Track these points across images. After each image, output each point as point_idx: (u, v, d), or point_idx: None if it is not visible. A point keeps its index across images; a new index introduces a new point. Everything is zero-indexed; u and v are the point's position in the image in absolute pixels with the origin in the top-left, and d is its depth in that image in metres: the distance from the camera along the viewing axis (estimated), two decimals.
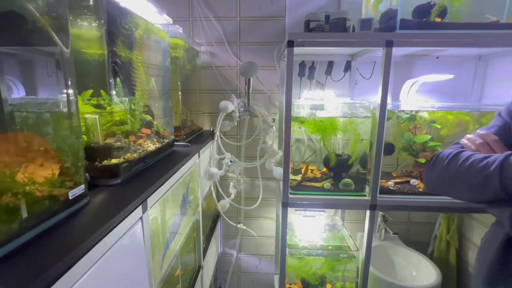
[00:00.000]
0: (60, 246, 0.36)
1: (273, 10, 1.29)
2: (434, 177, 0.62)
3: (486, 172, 0.50)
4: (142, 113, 0.72)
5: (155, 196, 0.60)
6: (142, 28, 0.69)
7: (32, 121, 0.39)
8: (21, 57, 0.40)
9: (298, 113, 1.07)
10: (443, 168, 0.59)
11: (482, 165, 0.51)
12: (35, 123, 0.39)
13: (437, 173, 0.61)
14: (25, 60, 0.41)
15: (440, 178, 0.60)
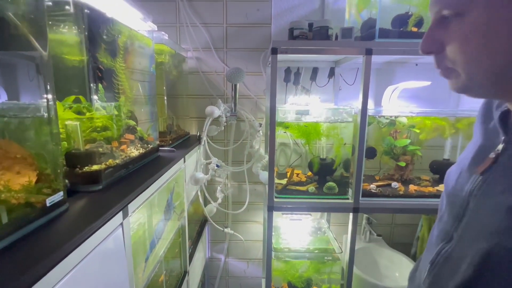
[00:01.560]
0: (35, 253, 0.36)
1: (259, 17, 1.32)
2: None
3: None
4: (125, 119, 0.72)
5: (137, 202, 0.60)
6: (125, 35, 0.70)
7: (8, 127, 0.39)
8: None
9: (284, 118, 1.09)
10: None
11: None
12: (11, 129, 0.40)
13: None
14: (2, 63, 0.41)
15: None
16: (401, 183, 1.11)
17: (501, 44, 0.32)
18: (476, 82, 0.36)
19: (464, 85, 0.37)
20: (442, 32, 0.36)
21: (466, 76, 0.36)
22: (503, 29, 0.31)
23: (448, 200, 0.45)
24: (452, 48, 0.36)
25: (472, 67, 0.35)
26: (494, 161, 0.38)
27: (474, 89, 0.37)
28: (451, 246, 0.40)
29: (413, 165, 1.14)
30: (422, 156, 1.14)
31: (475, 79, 0.36)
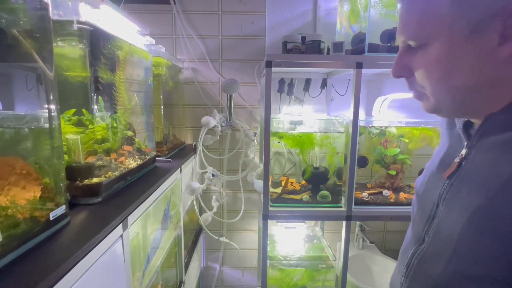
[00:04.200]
0: (41, 267, 0.37)
1: (253, 30, 1.35)
2: None
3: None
4: (123, 131, 0.74)
5: (136, 214, 0.61)
6: (125, 50, 0.72)
7: (14, 142, 0.40)
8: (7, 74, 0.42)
9: (278, 128, 1.12)
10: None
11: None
12: (17, 143, 0.41)
13: None
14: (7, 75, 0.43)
15: None
16: (392, 191, 1.15)
17: (461, 73, 0.35)
18: (443, 105, 0.39)
19: (434, 107, 0.40)
20: (410, 58, 0.39)
21: (434, 100, 0.39)
22: (462, 60, 0.34)
23: (419, 205, 0.47)
24: (419, 74, 0.39)
25: (438, 93, 0.38)
26: (459, 166, 0.40)
27: (443, 111, 0.40)
28: (424, 248, 0.42)
29: (403, 174, 1.18)
30: (412, 165, 1.18)
31: (443, 103, 0.39)
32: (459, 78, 0.35)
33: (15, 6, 0.39)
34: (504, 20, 0.31)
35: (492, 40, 0.32)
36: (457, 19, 0.33)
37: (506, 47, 0.32)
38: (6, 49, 0.38)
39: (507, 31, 0.31)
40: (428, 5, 0.35)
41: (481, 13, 0.32)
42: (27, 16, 0.41)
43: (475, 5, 0.32)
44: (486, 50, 0.33)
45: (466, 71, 0.34)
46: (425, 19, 0.36)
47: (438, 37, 0.35)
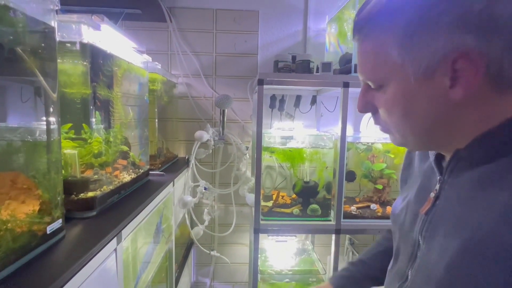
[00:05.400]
0: (37, 281, 0.37)
1: (246, 48, 1.41)
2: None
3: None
4: (119, 145, 0.76)
5: (130, 228, 0.62)
6: (123, 68, 0.75)
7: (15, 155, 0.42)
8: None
9: (270, 142, 1.16)
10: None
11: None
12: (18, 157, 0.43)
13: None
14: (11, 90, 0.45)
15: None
16: (379, 204, 1.18)
17: (417, 114, 0.36)
18: (408, 140, 0.40)
19: (400, 142, 0.41)
20: (372, 96, 0.40)
21: (398, 136, 0.40)
22: (416, 102, 0.35)
23: (401, 238, 0.47)
24: (381, 112, 0.40)
25: (400, 129, 0.39)
26: (435, 201, 0.40)
27: (410, 145, 0.42)
28: (407, 286, 0.42)
29: (389, 188, 1.22)
30: (397, 179, 1.23)
31: (407, 139, 0.40)
32: (416, 119, 0.36)
33: (26, 29, 0.42)
34: (452, 65, 0.31)
35: (443, 83, 0.33)
36: (407, 65, 0.34)
37: (457, 90, 0.32)
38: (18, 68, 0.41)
39: (456, 74, 0.32)
40: (379, 51, 0.36)
41: (429, 59, 0.32)
42: (35, 38, 0.44)
43: (422, 52, 0.32)
44: (438, 93, 0.33)
45: (422, 113, 0.36)
46: (378, 64, 0.36)
47: (392, 80, 0.36)
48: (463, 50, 0.31)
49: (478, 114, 0.34)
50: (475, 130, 0.34)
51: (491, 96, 0.33)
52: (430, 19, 0.31)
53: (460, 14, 0.30)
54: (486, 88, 0.32)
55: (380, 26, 0.35)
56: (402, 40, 0.33)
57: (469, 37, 0.30)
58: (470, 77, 0.31)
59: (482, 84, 0.32)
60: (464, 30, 0.30)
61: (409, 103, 0.36)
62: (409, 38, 0.33)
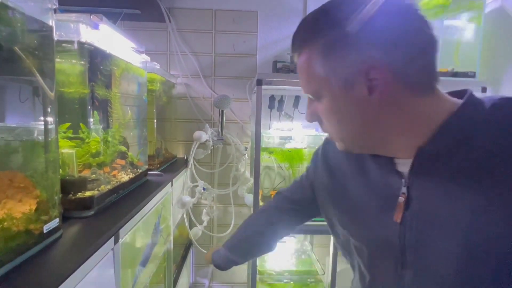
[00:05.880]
0: (34, 280, 0.37)
1: (245, 48, 1.41)
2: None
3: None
4: (117, 145, 0.76)
5: (127, 227, 0.62)
6: (121, 68, 0.75)
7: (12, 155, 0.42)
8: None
9: (268, 143, 1.16)
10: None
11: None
12: (15, 156, 0.42)
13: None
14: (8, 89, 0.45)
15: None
16: None
17: (350, 121, 0.40)
18: (349, 145, 0.44)
19: (345, 148, 0.45)
20: (315, 106, 0.44)
21: (340, 141, 0.44)
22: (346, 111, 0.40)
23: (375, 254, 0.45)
24: (323, 121, 0.44)
25: (340, 136, 0.43)
26: (407, 206, 0.40)
27: (355, 150, 0.45)
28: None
29: None
30: None
31: (347, 144, 0.44)
32: (349, 125, 0.41)
33: (24, 28, 0.42)
34: (366, 76, 0.36)
35: (363, 92, 0.37)
36: (330, 78, 0.39)
37: (376, 96, 0.37)
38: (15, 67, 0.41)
39: (372, 83, 0.36)
40: (309, 67, 0.40)
41: (346, 72, 0.37)
42: (33, 37, 0.44)
43: (340, 67, 0.37)
44: (361, 101, 0.38)
45: (353, 119, 0.40)
46: (310, 79, 0.41)
47: (323, 92, 0.41)
48: (371, 63, 0.36)
49: (404, 116, 0.38)
50: (405, 131, 0.39)
51: (410, 99, 0.37)
52: (342, 38, 0.37)
53: (365, 32, 0.35)
54: (403, 93, 0.37)
55: (307, 45, 0.40)
56: (323, 57, 0.39)
57: (374, 53, 0.35)
58: (382, 84, 0.36)
59: (397, 89, 0.37)
60: (369, 47, 0.35)
61: (340, 112, 0.41)
62: (328, 55, 0.38)
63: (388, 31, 0.35)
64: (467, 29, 1.13)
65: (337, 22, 0.37)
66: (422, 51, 0.36)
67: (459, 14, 1.14)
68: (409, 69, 0.36)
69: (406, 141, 0.39)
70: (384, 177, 0.43)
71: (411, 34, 0.36)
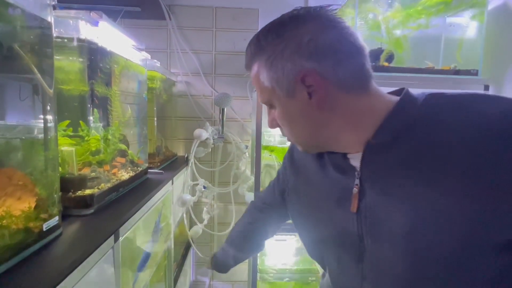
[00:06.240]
0: (33, 278, 0.37)
1: (246, 46, 1.40)
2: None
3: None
4: (117, 143, 0.75)
5: (127, 225, 0.62)
6: (121, 65, 0.74)
7: (11, 152, 0.42)
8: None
9: (269, 141, 1.15)
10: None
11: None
12: (14, 154, 0.42)
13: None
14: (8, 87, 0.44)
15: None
16: None
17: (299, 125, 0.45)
18: (305, 147, 0.48)
19: (303, 149, 0.49)
20: (273, 114, 0.47)
21: (297, 144, 0.49)
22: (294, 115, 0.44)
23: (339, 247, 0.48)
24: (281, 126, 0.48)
25: (294, 138, 0.48)
26: (361, 196, 0.43)
27: (311, 150, 0.49)
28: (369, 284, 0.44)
29: None
30: None
31: (303, 145, 0.48)
32: (299, 128, 0.45)
33: (22, 24, 0.41)
34: (302, 82, 0.40)
35: (304, 97, 0.41)
36: (275, 88, 0.43)
37: (315, 99, 0.41)
38: (13, 64, 0.40)
39: (310, 89, 0.41)
40: (258, 80, 0.45)
41: (286, 80, 0.41)
42: (31, 34, 0.43)
43: (280, 76, 0.42)
44: (304, 105, 0.42)
45: (301, 123, 0.44)
46: (261, 90, 0.46)
47: (273, 102, 0.45)
48: (305, 71, 0.40)
49: (346, 114, 0.42)
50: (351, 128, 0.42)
51: (346, 99, 0.41)
52: (278, 52, 0.41)
53: (295, 45, 0.40)
54: (338, 93, 0.41)
55: (255, 60, 0.44)
56: (266, 69, 0.43)
57: (306, 61, 0.40)
58: (318, 88, 0.40)
59: (333, 91, 0.41)
60: (301, 56, 0.40)
61: (289, 117, 0.45)
62: (270, 68, 0.42)
63: (316, 43, 0.39)
64: (469, 26, 1.12)
65: (274, 39, 0.42)
66: (348, 56, 0.40)
67: (462, 11, 1.13)
68: (338, 73, 0.40)
69: (354, 137, 0.42)
70: (340, 171, 0.46)
71: (335, 44, 0.40)
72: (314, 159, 0.52)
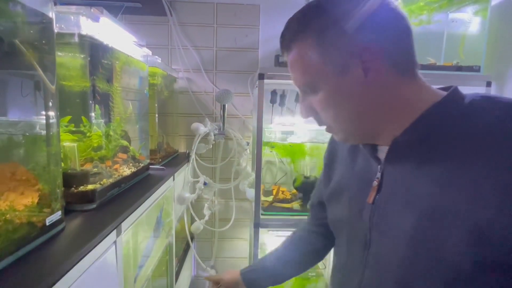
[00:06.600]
0: (36, 272, 0.38)
1: (247, 42, 1.40)
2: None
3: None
4: (118, 139, 0.76)
5: (129, 221, 0.63)
6: (122, 61, 0.74)
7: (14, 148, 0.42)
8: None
9: (270, 137, 1.15)
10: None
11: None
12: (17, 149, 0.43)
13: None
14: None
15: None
16: None
17: (346, 104, 0.42)
18: (348, 135, 0.45)
19: (343, 138, 0.46)
20: (309, 101, 0.45)
21: (339, 132, 0.46)
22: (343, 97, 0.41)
23: (350, 234, 0.49)
24: (320, 113, 0.45)
25: (338, 126, 0.44)
26: (379, 189, 0.43)
27: (351, 140, 0.47)
28: (369, 276, 0.44)
29: None
30: None
31: (346, 134, 0.45)
32: (347, 111, 0.42)
33: (23, 20, 0.41)
34: (360, 58, 0.38)
35: (359, 74, 0.39)
36: (326, 66, 0.40)
37: (371, 76, 0.39)
38: (17, 60, 0.40)
39: (365, 65, 0.39)
40: (304, 58, 0.42)
41: (342, 56, 0.39)
42: (32, 29, 0.43)
43: (335, 52, 0.39)
44: (357, 84, 0.40)
45: (350, 104, 0.41)
46: (305, 70, 0.42)
47: (319, 82, 0.42)
48: (364, 45, 0.38)
49: (394, 98, 0.40)
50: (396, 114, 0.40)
51: (397, 80, 0.40)
52: (334, 25, 0.39)
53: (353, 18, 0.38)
54: (393, 74, 0.39)
55: (300, 38, 0.42)
56: (318, 45, 0.40)
57: (365, 35, 0.38)
58: (376, 65, 0.39)
59: (389, 70, 0.39)
60: (361, 29, 0.38)
61: (338, 99, 0.42)
62: (322, 42, 0.40)
63: (376, 17, 0.38)
64: (472, 22, 1.11)
65: (327, 13, 0.40)
66: (403, 35, 0.39)
67: (465, 7, 1.12)
68: (395, 51, 0.39)
69: (391, 127, 0.41)
70: (367, 162, 0.47)
71: (393, 20, 0.39)
72: (349, 149, 0.52)
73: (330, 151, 0.59)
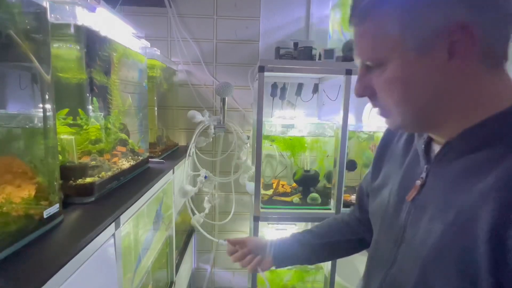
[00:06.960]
0: (34, 264, 0.38)
1: (247, 34, 1.38)
2: None
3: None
4: (117, 132, 0.75)
5: (128, 213, 0.63)
6: (120, 53, 0.73)
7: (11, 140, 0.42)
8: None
9: (270, 131, 1.15)
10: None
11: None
12: (14, 142, 0.42)
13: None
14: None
15: None
16: None
17: (417, 90, 0.37)
18: (406, 121, 0.40)
19: (398, 124, 0.41)
20: (371, 78, 0.40)
21: (398, 116, 0.40)
22: (417, 77, 0.36)
23: (384, 226, 0.48)
24: (381, 93, 0.40)
25: (400, 109, 0.39)
26: (420, 189, 0.41)
27: (407, 126, 0.42)
28: (394, 272, 0.43)
29: None
30: None
31: (405, 119, 0.40)
32: (416, 94, 0.37)
33: (16, 10, 0.40)
34: (449, 37, 0.33)
35: (441, 56, 0.34)
36: (406, 40, 0.35)
37: (455, 61, 0.34)
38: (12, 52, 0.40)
39: (453, 46, 0.33)
40: (379, 29, 0.37)
41: (428, 32, 0.34)
42: (26, 20, 0.42)
43: (421, 26, 0.34)
44: (436, 66, 0.35)
45: (421, 87, 0.36)
46: (378, 42, 0.37)
47: (391, 57, 0.36)
48: (459, 22, 0.32)
49: (471, 90, 0.35)
50: (467, 108, 0.36)
51: (483, 72, 0.35)
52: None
53: None
54: (479, 63, 0.34)
55: (379, 5, 0.36)
56: (401, 16, 0.35)
57: (464, 10, 0.32)
58: (466, 48, 0.33)
59: (477, 58, 0.34)
60: (459, 3, 0.32)
61: (409, 79, 0.37)
62: (407, 13, 0.34)
63: None
64: None
65: None
66: (503, 19, 0.33)
67: None
68: (493, 35, 0.33)
69: (457, 121, 0.37)
70: (416, 159, 0.44)
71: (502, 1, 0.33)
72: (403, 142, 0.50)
73: (383, 143, 0.56)
